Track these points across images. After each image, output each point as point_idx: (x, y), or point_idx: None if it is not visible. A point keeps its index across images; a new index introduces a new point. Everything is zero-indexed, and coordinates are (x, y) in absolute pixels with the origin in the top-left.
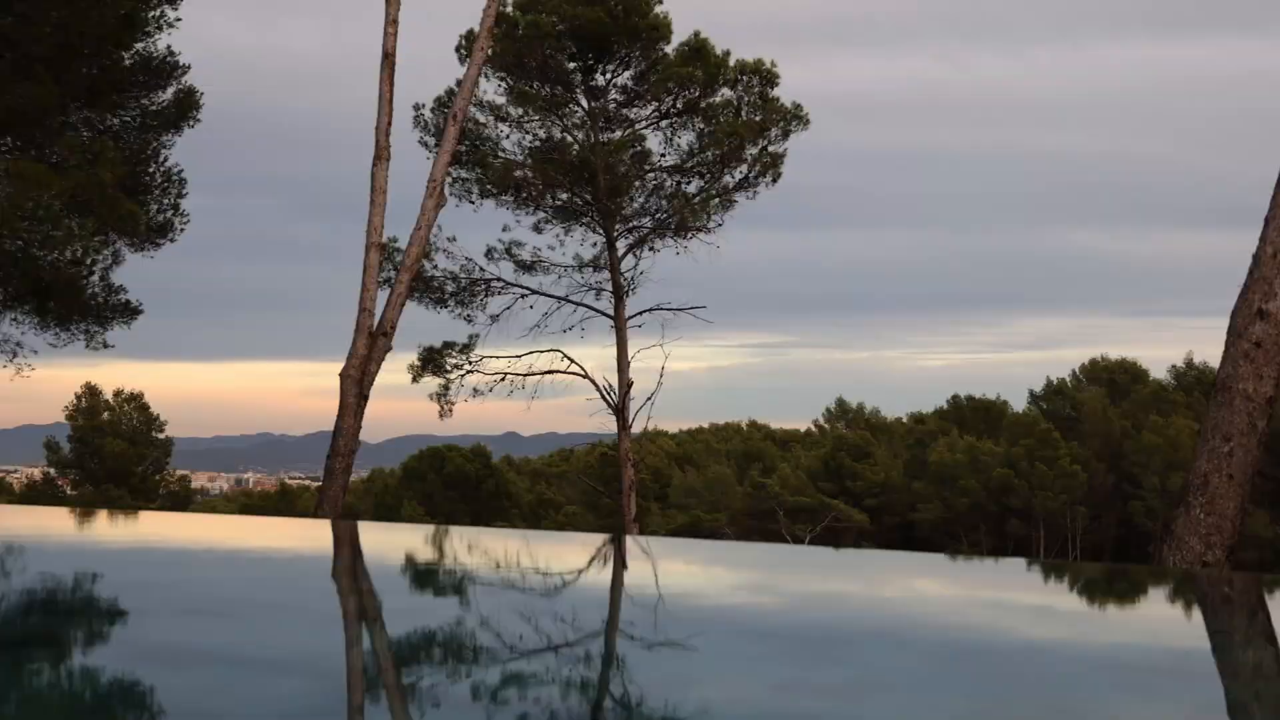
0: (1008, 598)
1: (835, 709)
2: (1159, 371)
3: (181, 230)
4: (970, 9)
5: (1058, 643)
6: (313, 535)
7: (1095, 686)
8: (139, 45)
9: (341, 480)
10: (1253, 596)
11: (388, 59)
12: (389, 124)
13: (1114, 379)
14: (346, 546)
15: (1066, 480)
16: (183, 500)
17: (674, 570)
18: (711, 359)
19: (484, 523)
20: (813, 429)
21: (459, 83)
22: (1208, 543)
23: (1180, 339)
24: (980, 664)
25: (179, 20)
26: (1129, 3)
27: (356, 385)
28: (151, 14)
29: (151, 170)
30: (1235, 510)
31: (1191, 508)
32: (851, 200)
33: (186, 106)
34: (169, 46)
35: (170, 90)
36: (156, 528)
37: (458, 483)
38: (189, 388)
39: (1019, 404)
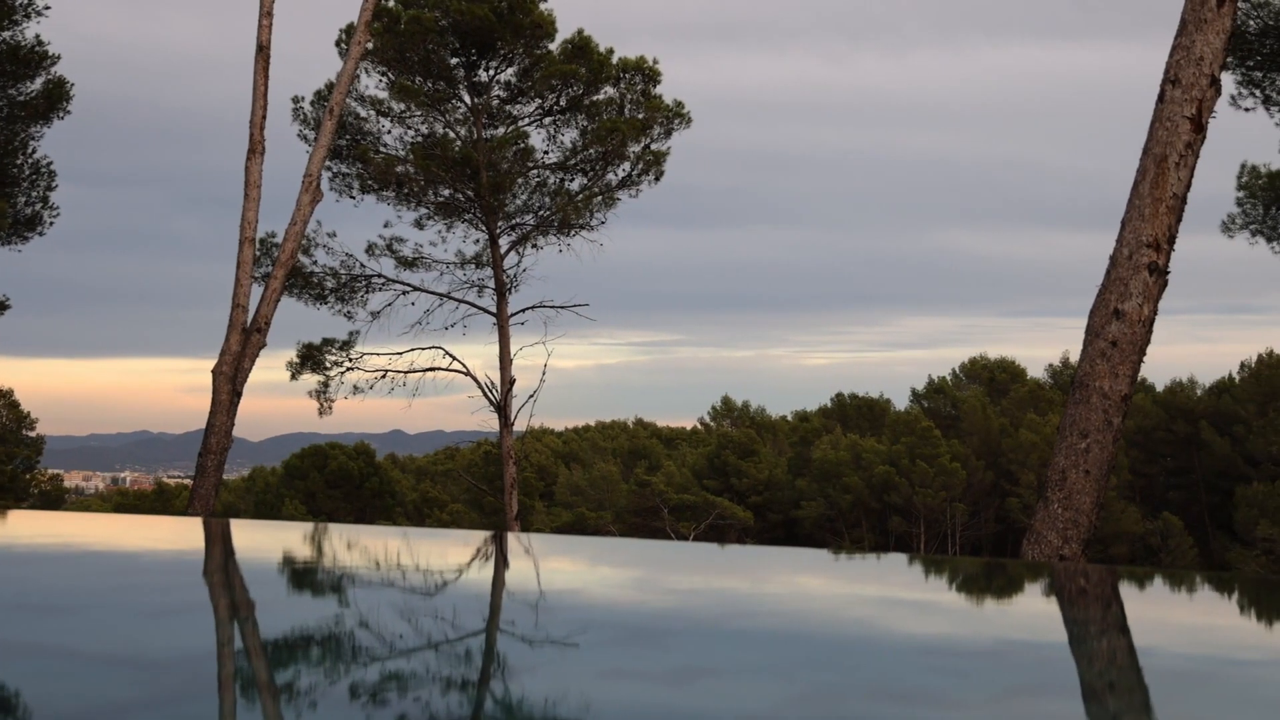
0: (862, 590)
1: (661, 694)
2: (1036, 370)
3: (51, 223)
4: (853, 11)
5: (892, 631)
6: (177, 533)
7: (918, 671)
8: (5, 34)
9: (214, 478)
10: (1106, 588)
11: (262, 51)
12: (263, 117)
13: (993, 377)
14: (214, 544)
15: (946, 477)
16: (55, 500)
17: (547, 567)
18: (598, 357)
19: (367, 521)
20: (698, 427)
21: (338, 76)
22: (1065, 536)
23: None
24: (815, 651)
25: (48, 9)
26: (1008, 8)
27: (230, 382)
28: (18, 2)
29: (19, 162)
30: (1091, 505)
31: (1050, 503)
32: (737, 199)
33: (56, 97)
34: (38, 36)
35: (39, 80)
36: (12, 527)
37: (340, 481)
38: (62, 385)
39: (901, 402)
